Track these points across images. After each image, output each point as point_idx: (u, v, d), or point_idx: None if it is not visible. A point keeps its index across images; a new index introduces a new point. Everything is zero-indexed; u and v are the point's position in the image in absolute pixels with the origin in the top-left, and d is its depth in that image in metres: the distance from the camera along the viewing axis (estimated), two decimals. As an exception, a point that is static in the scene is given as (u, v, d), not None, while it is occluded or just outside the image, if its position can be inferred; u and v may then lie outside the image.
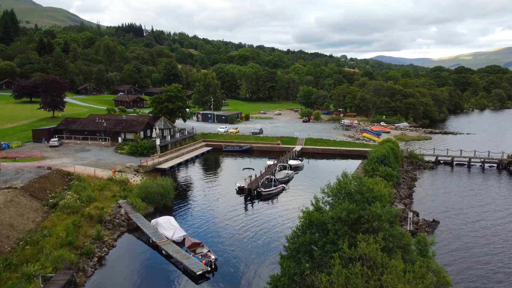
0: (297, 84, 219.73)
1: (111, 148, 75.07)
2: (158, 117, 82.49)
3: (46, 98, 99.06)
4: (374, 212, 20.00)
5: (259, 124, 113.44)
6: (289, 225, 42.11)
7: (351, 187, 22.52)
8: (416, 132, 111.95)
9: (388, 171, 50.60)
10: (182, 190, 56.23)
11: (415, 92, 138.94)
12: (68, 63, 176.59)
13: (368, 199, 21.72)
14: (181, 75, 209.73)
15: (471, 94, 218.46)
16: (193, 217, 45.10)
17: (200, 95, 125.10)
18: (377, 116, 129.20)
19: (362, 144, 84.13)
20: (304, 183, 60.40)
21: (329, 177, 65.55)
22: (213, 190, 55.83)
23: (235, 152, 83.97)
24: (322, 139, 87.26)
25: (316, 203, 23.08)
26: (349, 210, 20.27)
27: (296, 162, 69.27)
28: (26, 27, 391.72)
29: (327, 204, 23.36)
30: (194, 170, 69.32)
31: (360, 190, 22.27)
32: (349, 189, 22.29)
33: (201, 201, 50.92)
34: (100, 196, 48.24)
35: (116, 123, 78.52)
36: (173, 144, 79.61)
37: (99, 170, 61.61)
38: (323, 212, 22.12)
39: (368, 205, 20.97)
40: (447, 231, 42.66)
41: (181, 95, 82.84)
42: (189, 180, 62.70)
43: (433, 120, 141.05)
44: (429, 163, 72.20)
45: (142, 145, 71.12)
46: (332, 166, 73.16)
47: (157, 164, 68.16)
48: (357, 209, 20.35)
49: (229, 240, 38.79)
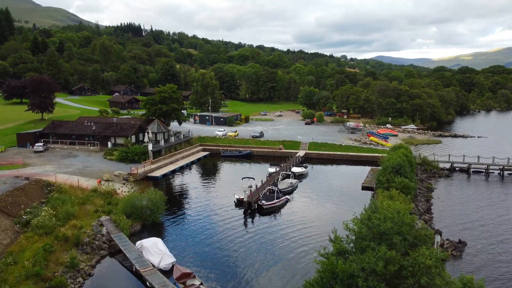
0: (298, 84, 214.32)
1: (100, 154, 69.52)
2: (152, 120, 76.98)
3: (34, 99, 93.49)
4: (421, 263, 14.53)
5: (260, 127, 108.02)
6: (298, 250, 36.74)
7: (386, 225, 16.93)
8: (424, 135, 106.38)
9: (405, 183, 45.09)
10: (175, 202, 50.67)
11: (421, 93, 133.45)
12: (62, 62, 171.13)
13: (409, 240, 16.16)
14: (179, 75, 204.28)
15: (477, 95, 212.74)
16: (184, 238, 39.54)
17: (197, 96, 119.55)
18: (382, 118, 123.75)
19: (370, 149, 78.61)
20: (310, 194, 54.86)
21: (336, 185, 60.04)
22: (209, 202, 50.29)
23: (234, 157, 78.45)
24: (327, 143, 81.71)
25: (337, 242, 17.46)
26: (387, 259, 14.77)
27: (300, 170, 63.74)
28: (24, 27, 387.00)
29: (352, 242, 17.74)
30: (189, 178, 63.77)
31: (399, 228, 16.67)
32: (384, 228, 16.72)
33: (195, 217, 45.36)
34: (80, 212, 42.73)
35: (106, 127, 72.99)
36: (167, 149, 74.09)
37: (84, 179, 56.09)
38: (348, 259, 16.51)
39: (410, 251, 15.42)
40: (476, 254, 37.22)
41: (176, 96, 77.27)
42: (183, 190, 57.16)
43: (440, 122, 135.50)
44: (444, 171, 66.69)
45: (133, 150, 65.59)
46: (339, 173, 67.66)
47: (149, 172, 62.64)
48: (397, 258, 14.84)
49: (226, 270, 33.21)
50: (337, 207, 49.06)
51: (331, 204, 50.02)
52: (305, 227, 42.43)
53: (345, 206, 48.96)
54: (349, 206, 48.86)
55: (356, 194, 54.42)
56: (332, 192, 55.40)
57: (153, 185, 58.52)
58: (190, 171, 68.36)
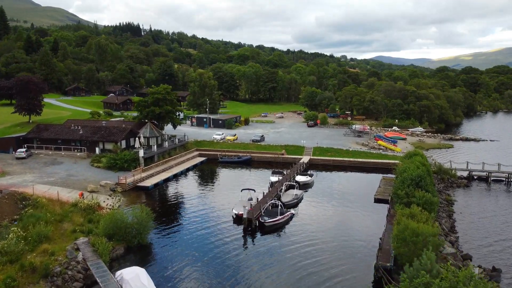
0: (299, 84, 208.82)
1: (87, 161, 63.95)
2: (144, 123, 71.43)
3: (20, 100, 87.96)
4: None
5: (260, 129, 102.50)
6: (308, 278, 31.21)
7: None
8: (434, 138, 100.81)
9: (427, 198, 39.54)
10: (165, 218, 45.14)
11: (428, 93, 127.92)
12: (56, 62, 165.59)
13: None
14: (177, 75, 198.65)
15: (484, 95, 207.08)
16: (174, 264, 33.96)
17: (195, 97, 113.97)
18: (388, 120, 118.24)
19: (380, 154, 73.02)
20: (317, 207, 49.29)
21: (346, 196, 53.05)
22: (204, 218, 44.72)
23: (233, 163, 72.91)
24: (332, 148, 76.07)
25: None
26: None
27: (305, 179, 58.18)
28: (23, 26, 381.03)
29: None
30: (183, 187, 58.19)
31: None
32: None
33: (187, 236, 39.81)
34: (55, 232, 37.22)
35: (94, 131, 67.46)
36: (161, 155, 68.56)
37: (66, 190, 50.58)
38: None
39: None
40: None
41: (170, 97, 71.69)
42: (175, 202, 51.58)
43: (449, 124, 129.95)
44: (462, 180, 61.15)
45: (122, 157, 60.04)
46: (347, 182, 62.01)
47: (139, 181, 57.12)
48: None
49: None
50: (349, 224, 43.56)
51: (341, 220, 44.52)
52: (314, 248, 36.95)
53: (358, 224, 43.49)
54: (363, 223, 43.44)
55: (369, 207, 48.92)
56: (342, 205, 49.89)
57: (143, 196, 53.06)
58: (184, 179, 62.81)
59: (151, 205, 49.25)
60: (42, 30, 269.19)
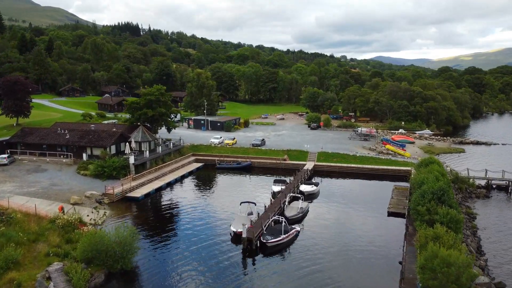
0: (300, 85, 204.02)
1: (73, 168, 59.07)
2: (136, 126, 66.56)
3: (7, 102, 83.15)
4: None
5: (260, 132, 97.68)
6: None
7: None
8: (444, 142, 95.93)
9: (451, 215, 34.73)
10: (154, 235, 40.28)
11: (435, 94, 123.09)
12: (50, 62, 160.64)
13: None
14: (174, 75, 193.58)
15: (490, 96, 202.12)
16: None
17: (192, 98, 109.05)
18: (394, 122, 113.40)
19: (389, 160, 68.10)
20: (324, 222, 44.40)
21: (355, 209, 47.42)
22: (198, 236, 39.85)
23: (232, 169, 68.07)
24: (338, 154, 71.15)
25: None
26: None
27: (310, 188, 53.31)
28: (21, 26, 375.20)
29: None
30: (177, 198, 53.33)
31: None
32: None
33: (179, 258, 34.96)
34: (27, 255, 32.46)
35: (82, 135, 62.56)
36: (154, 161, 63.69)
37: (46, 203, 45.78)
38: None
39: None
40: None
41: (164, 99, 66.80)
42: (167, 216, 46.67)
43: (456, 127, 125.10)
44: (481, 190, 56.30)
45: (110, 164, 55.16)
46: (356, 191, 57.08)
47: (128, 191, 52.25)
48: None
49: None
50: (361, 243, 38.64)
51: (352, 239, 39.59)
52: (323, 275, 32.09)
53: (371, 243, 38.54)
54: (377, 243, 38.51)
55: (383, 222, 44.06)
56: (351, 219, 45.04)
57: (132, 208, 48.22)
58: (179, 188, 57.93)
59: (140, 220, 44.54)
60: (38, 29, 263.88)
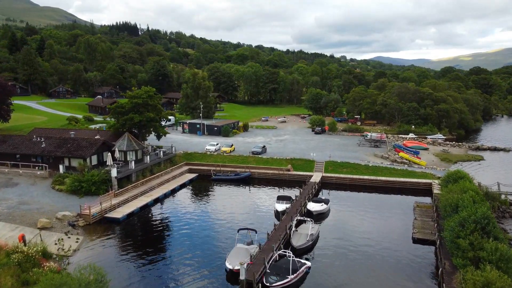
0: (301, 85, 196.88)
1: (48, 182, 51.81)
2: (122, 133, 59.26)
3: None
4: None
5: (261, 137, 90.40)
6: None
7: None
8: (459, 148, 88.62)
9: (502, 252, 27.54)
10: (132, 271, 32.91)
11: (446, 96, 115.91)
12: (40, 61, 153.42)
13: None
14: (171, 76, 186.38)
15: (499, 98, 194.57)
16: None
17: (187, 100, 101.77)
18: (403, 126, 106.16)
19: (406, 171, 60.70)
20: (339, 252, 36.95)
21: (373, 232, 39.68)
22: (185, 271, 32.53)
23: (229, 181, 60.82)
24: (348, 163, 63.79)
25: None
26: None
27: (319, 207, 45.98)
28: (17, 26, 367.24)
29: None
30: (164, 219, 46.01)
31: None
32: None
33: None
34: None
35: (59, 144, 55.25)
36: (141, 172, 56.40)
37: (9, 227, 38.61)
38: None
39: None
40: None
41: (153, 102, 59.51)
42: (151, 242, 39.23)
43: (468, 131, 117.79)
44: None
45: (89, 178, 47.90)
46: (371, 209, 49.44)
47: (109, 210, 44.95)
48: None
49: None
50: (387, 281, 31.34)
51: (374, 275, 32.29)
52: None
53: (398, 283, 31.24)
54: (405, 283, 31.05)
55: (408, 252, 36.61)
56: (371, 249, 37.49)
57: (111, 232, 40.83)
58: (168, 205, 50.61)
59: (118, 249, 37.15)
60: (31, 29, 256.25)
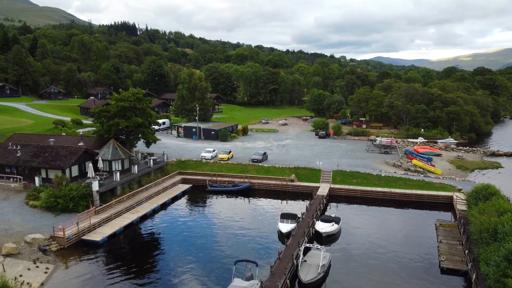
0: (302, 86, 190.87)
1: (23, 196, 45.87)
2: (108, 140, 53.31)
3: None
4: None
5: (261, 142, 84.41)
6: None
7: None
8: (473, 153, 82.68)
9: None
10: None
11: (456, 98, 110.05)
12: (32, 61, 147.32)
13: None
14: (168, 76, 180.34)
15: (507, 99, 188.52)
16: None
17: (183, 102, 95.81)
18: (412, 129, 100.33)
19: (423, 182, 54.65)
20: (355, 280, 31.11)
21: (392, 261, 33.70)
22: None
23: (227, 193, 54.92)
24: (359, 173, 57.75)
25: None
26: None
27: (329, 228, 39.92)
28: (15, 25, 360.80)
29: None
30: (150, 241, 40.09)
31: None
32: None
33: None
34: None
35: (36, 153, 49.28)
36: (127, 184, 50.48)
37: (-38, 256, 32.62)
38: None
39: None
40: None
41: (141, 106, 53.52)
42: (132, 271, 33.13)
43: (479, 134, 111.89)
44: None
45: (66, 193, 41.97)
46: (388, 228, 43.54)
47: (87, 231, 39.01)
48: None
49: None
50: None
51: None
52: None
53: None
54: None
55: (439, 285, 30.77)
56: (392, 279, 31.67)
57: (87, 258, 34.78)
58: (156, 223, 44.65)
59: (96, 277, 30.99)
60: (26, 28, 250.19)
